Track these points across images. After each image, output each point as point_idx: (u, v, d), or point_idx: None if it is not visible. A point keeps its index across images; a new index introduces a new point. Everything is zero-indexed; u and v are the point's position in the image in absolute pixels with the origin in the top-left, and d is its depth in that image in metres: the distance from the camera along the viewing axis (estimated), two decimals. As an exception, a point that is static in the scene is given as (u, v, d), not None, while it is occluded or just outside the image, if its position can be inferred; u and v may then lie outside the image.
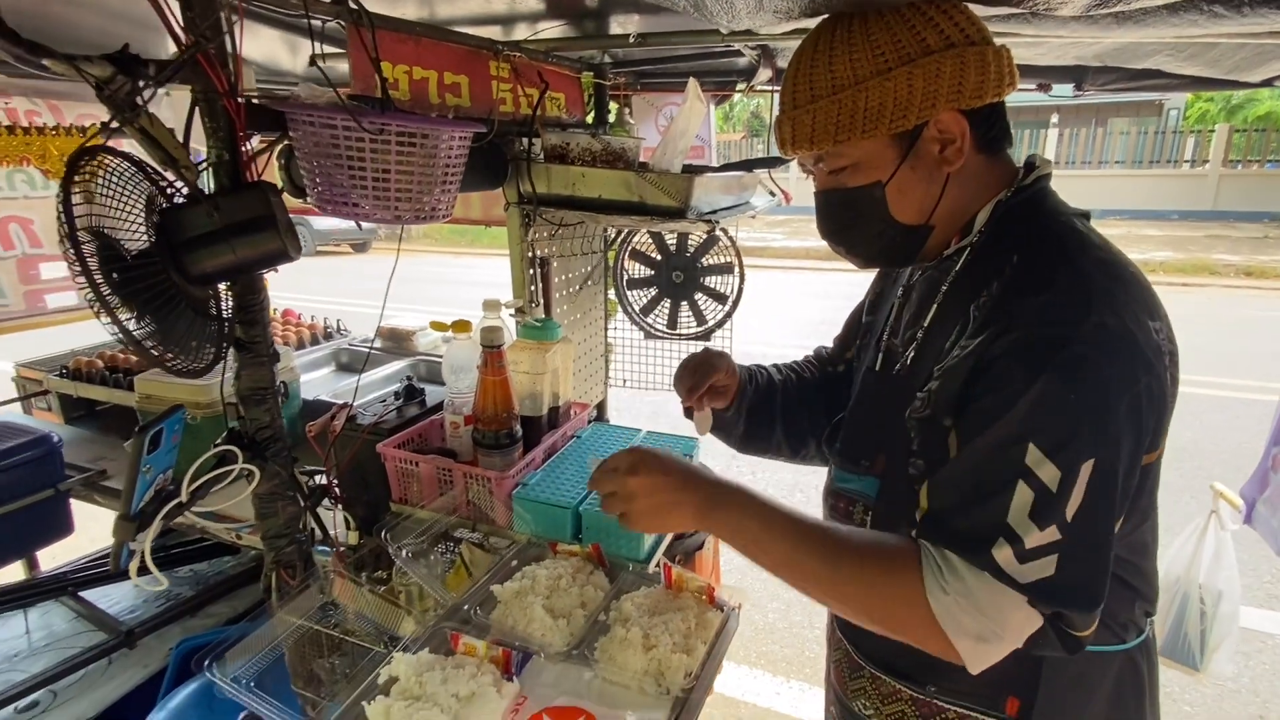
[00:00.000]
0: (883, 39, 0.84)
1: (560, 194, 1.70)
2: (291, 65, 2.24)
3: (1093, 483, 0.74)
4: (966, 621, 0.76)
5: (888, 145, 0.88)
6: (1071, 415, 0.74)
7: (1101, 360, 0.75)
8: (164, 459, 1.07)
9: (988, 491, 0.77)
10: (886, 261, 1.03)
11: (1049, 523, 0.74)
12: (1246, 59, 1.55)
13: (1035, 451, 0.74)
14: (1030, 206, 0.90)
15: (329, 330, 2.80)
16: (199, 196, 0.95)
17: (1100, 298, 0.77)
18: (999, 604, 0.75)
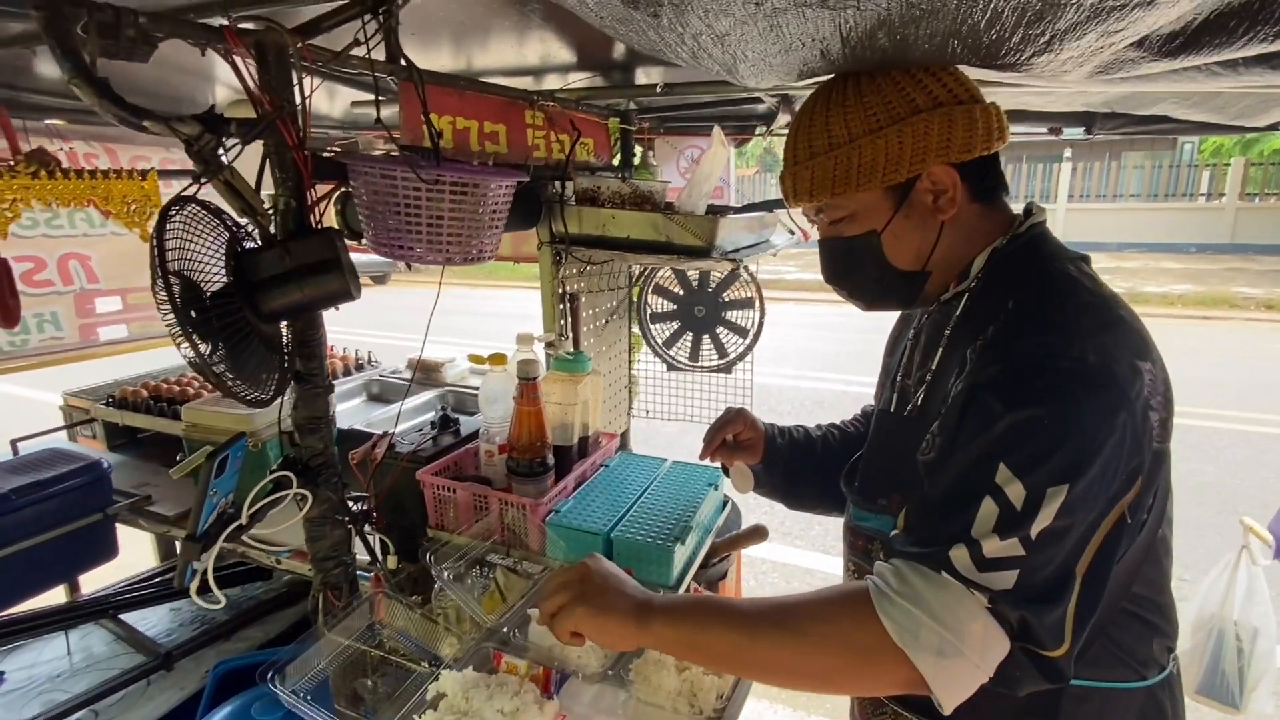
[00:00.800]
0: (874, 100, 0.92)
1: (591, 234, 1.78)
2: (329, 110, 2.37)
3: (1065, 509, 0.75)
4: (923, 635, 0.74)
5: (882, 197, 0.95)
6: (1044, 439, 0.76)
7: (1080, 392, 0.77)
8: (227, 483, 1.15)
9: (955, 506, 0.79)
10: (886, 305, 1.07)
11: (1010, 535, 0.75)
12: (1251, 106, 1.61)
13: (1005, 470, 0.76)
14: (1026, 252, 0.94)
15: (360, 362, 2.90)
16: (273, 240, 1.04)
17: (1084, 336, 0.80)
18: (952, 608, 0.75)
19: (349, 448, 1.67)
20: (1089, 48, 0.80)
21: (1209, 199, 15.48)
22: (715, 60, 0.95)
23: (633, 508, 1.57)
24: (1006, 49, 0.82)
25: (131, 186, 1.99)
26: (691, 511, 1.56)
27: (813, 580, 3.71)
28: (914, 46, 0.84)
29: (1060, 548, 0.76)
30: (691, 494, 1.65)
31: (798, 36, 0.82)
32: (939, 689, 0.76)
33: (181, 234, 0.99)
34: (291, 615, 2.32)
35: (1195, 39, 0.80)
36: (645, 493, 1.65)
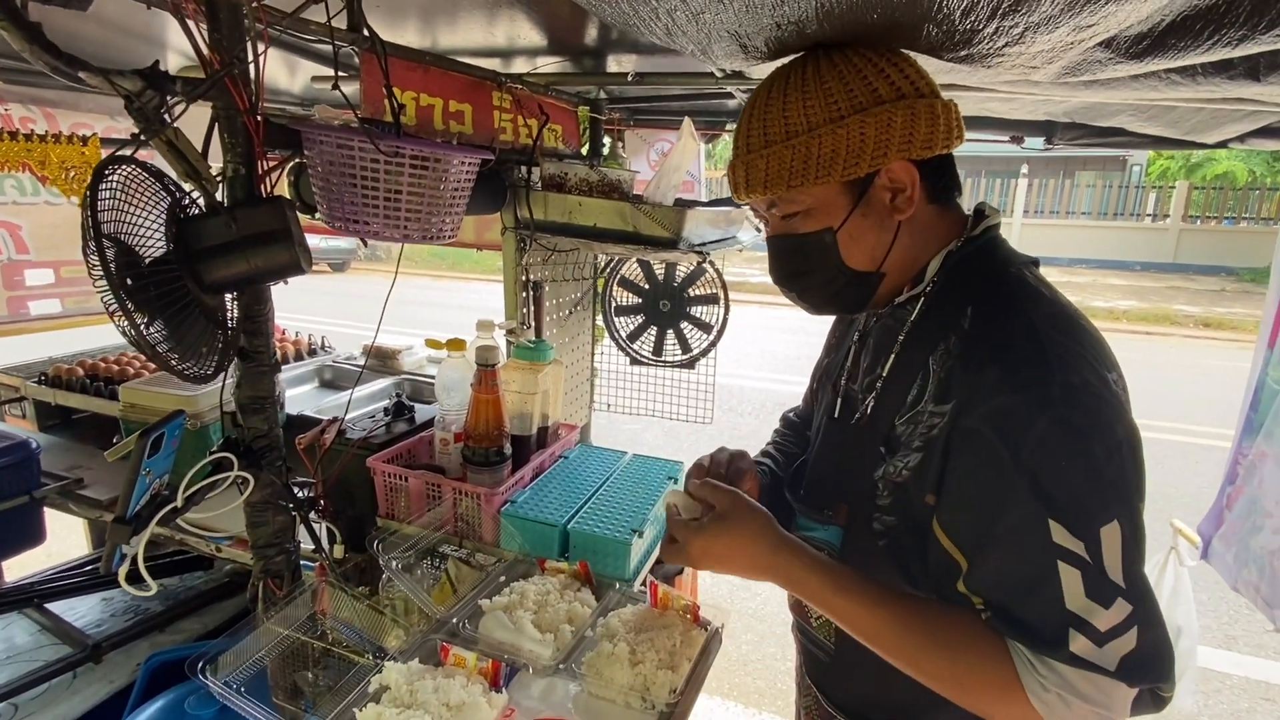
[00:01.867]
0: (836, 87, 0.85)
1: (557, 221, 1.75)
2: (289, 84, 2.29)
3: (1125, 543, 0.74)
4: (1075, 714, 0.75)
5: (840, 192, 0.89)
6: (1073, 484, 0.75)
7: (1078, 422, 0.75)
8: (162, 463, 1.09)
9: (1035, 580, 0.76)
10: (837, 308, 1.02)
11: (1112, 598, 0.73)
12: (1203, 121, 1.67)
13: (1058, 528, 0.74)
14: (981, 256, 0.91)
15: (313, 347, 2.81)
16: (219, 207, 0.98)
17: (1060, 357, 0.78)
18: (1104, 689, 0.74)
19: (298, 434, 1.61)
20: (1060, 43, 0.80)
21: (1154, 219, 16.09)
22: (689, 38, 0.93)
23: (591, 500, 1.55)
24: (980, 38, 0.81)
25: (71, 152, 1.89)
26: (650, 504, 1.54)
27: (768, 579, 3.73)
28: (891, 34, 0.83)
29: (1139, 578, 0.75)
30: (650, 487, 1.63)
31: (773, 17, 0.80)
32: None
33: (118, 196, 0.93)
34: (232, 607, 2.23)
35: (1162, 41, 0.81)
36: (604, 485, 1.63)
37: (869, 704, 1.00)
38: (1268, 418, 1.57)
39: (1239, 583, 1.62)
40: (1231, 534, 1.66)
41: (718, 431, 5.64)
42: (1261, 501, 1.54)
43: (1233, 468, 1.78)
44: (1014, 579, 0.78)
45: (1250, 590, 1.57)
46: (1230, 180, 15.06)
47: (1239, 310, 11.22)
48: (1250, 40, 0.74)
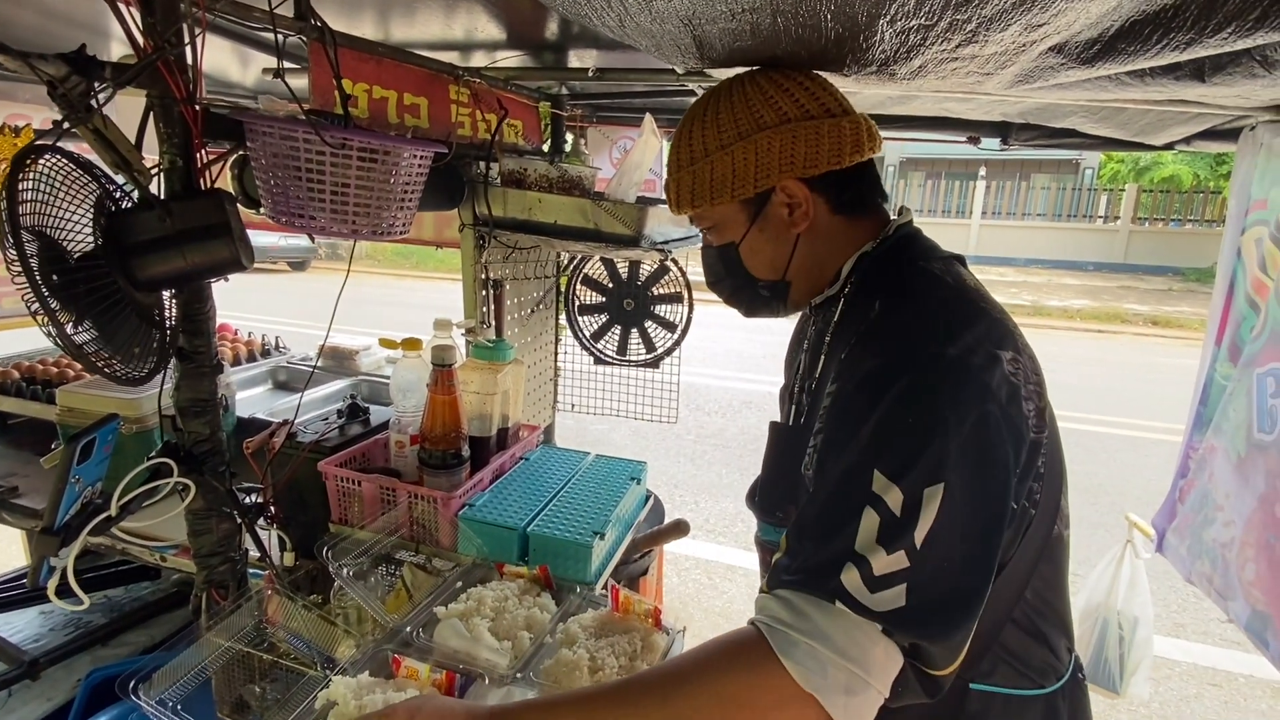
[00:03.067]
0: (727, 118, 0.95)
1: (516, 218, 1.72)
2: (241, 77, 2.22)
3: (944, 508, 0.72)
4: (831, 673, 0.69)
5: (739, 210, 0.97)
6: (912, 440, 0.74)
7: (938, 386, 0.76)
8: (94, 470, 1.03)
9: (837, 522, 0.75)
10: (757, 311, 1.08)
11: (897, 547, 0.71)
12: (1151, 123, 1.71)
13: (880, 477, 0.73)
14: (893, 253, 0.94)
15: (266, 347, 2.72)
16: (151, 200, 0.93)
17: (937, 332, 0.79)
18: (856, 639, 0.70)
19: (250, 437, 1.55)
20: (1012, 45, 0.80)
21: (1106, 221, 16.61)
22: (643, 31, 0.91)
23: (551, 502, 1.52)
24: (931, 36, 0.81)
25: (3, 143, 1.79)
26: (612, 506, 1.52)
27: (734, 577, 3.74)
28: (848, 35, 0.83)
29: (950, 554, 0.73)
30: (613, 488, 1.61)
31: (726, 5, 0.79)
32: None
33: (40, 187, 0.88)
34: (180, 617, 2.15)
35: (1112, 46, 0.81)
36: (565, 487, 1.60)
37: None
38: (1216, 413, 1.61)
39: (1193, 574, 1.66)
40: (1184, 527, 1.71)
41: (684, 430, 5.65)
42: (1212, 495, 1.58)
43: (1184, 462, 1.83)
44: (818, 521, 0.77)
45: (1204, 581, 1.61)
46: (1176, 183, 15.62)
47: (1185, 309, 11.63)
48: (1198, 44, 0.75)
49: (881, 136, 0.97)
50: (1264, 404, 1.47)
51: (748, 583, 3.68)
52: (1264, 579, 1.41)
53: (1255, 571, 1.44)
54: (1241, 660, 3.17)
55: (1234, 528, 1.49)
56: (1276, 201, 1.56)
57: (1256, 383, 1.49)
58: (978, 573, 0.75)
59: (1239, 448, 1.50)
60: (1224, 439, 1.55)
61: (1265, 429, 1.46)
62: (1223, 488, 1.54)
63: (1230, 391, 1.55)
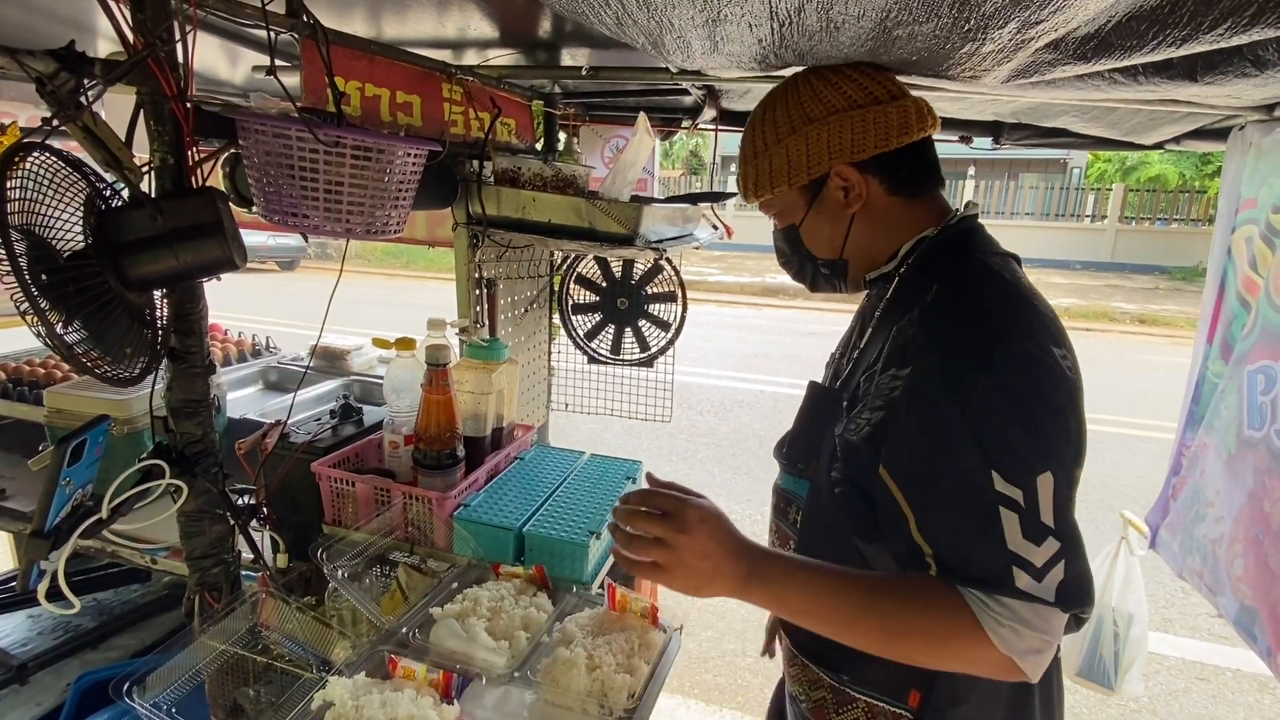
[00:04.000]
0: (782, 114, 1.04)
1: (510, 216, 1.71)
2: (230, 75, 2.19)
3: (1057, 491, 0.81)
4: (1026, 642, 0.81)
5: (798, 195, 1.06)
6: (1006, 434, 0.82)
7: (1019, 384, 0.83)
8: (85, 472, 1.02)
9: (981, 525, 0.82)
10: (821, 287, 1.17)
11: (1043, 537, 0.80)
12: (1141, 123, 1.72)
13: (998, 479, 0.81)
14: (955, 243, 1.00)
15: (257, 347, 2.70)
16: (142, 199, 0.92)
17: (1002, 327, 0.86)
18: (1045, 617, 0.81)
19: (241, 438, 1.53)
20: (1009, 41, 0.80)
21: (1093, 220, 16.73)
22: (640, 30, 0.91)
23: (547, 502, 1.52)
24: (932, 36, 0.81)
25: (-12, 141, 1.77)
26: (607, 505, 1.52)
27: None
28: (843, 29, 0.83)
29: (1069, 522, 0.82)
30: (608, 488, 1.61)
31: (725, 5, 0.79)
32: (1034, 674, 0.84)
33: (29, 186, 0.86)
34: (171, 620, 2.13)
35: (1108, 42, 0.82)
36: (561, 486, 1.60)
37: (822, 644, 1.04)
38: (1208, 410, 1.62)
39: (1185, 570, 1.67)
40: (1177, 523, 1.72)
41: (677, 429, 5.65)
42: (1204, 491, 1.59)
43: (1177, 459, 1.84)
44: (962, 526, 0.84)
45: (1195, 578, 1.62)
46: (1162, 183, 15.75)
47: (1171, 307, 11.74)
48: (1193, 40, 0.75)
49: (937, 116, 1.02)
50: (1254, 401, 1.48)
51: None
52: (1252, 574, 1.43)
53: (1243, 566, 1.46)
54: (1229, 654, 3.20)
55: (1224, 524, 1.50)
56: (1266, 200, 1.57)
57: (1247, 380, 1.51)
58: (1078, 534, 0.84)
59: (1230, 445, 1.51)
60: (1215, 436, 1.56)
61: (1255, 426, 1.47)
62: (1214, 484, 1.55)
63: (1221, 389, 1.56)
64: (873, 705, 1.01)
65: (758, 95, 2.04)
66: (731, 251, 16.22)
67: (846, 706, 1.04)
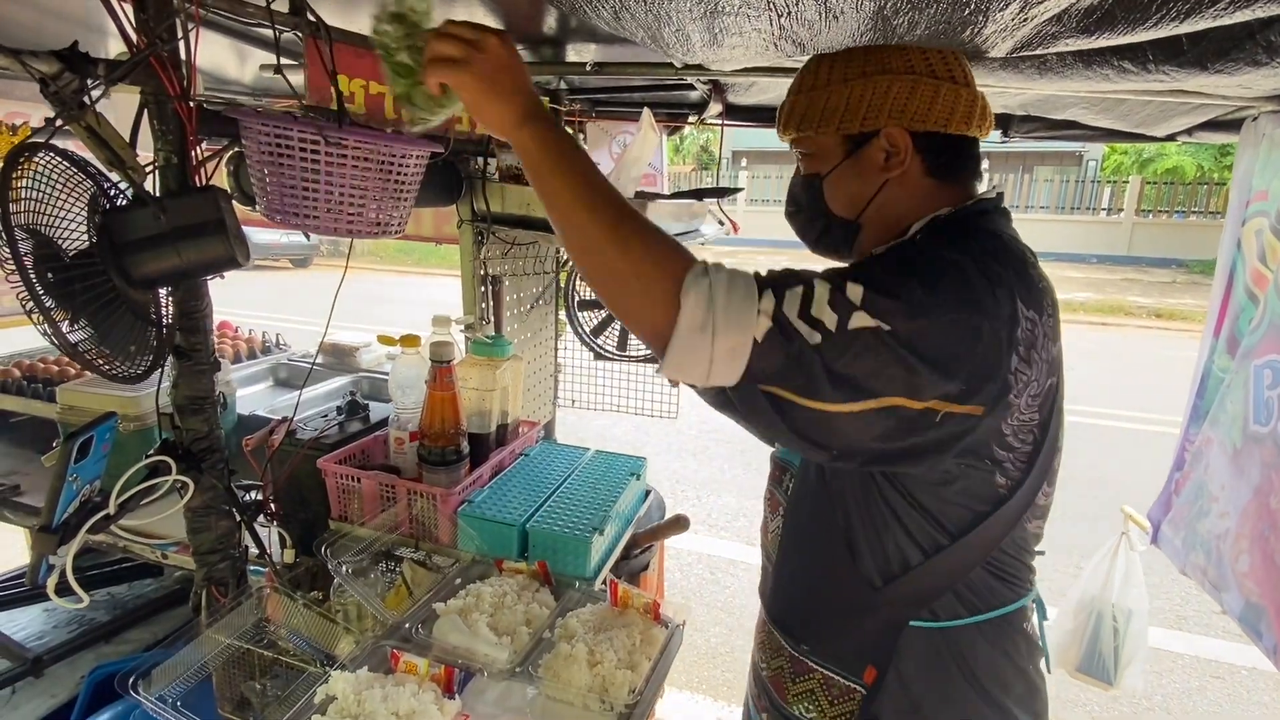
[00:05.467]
0: (858, 54, 0.98)
1: (514, 213, 1.71)
2: (239, 74, 2.21)
3: (889, 331, 0.77)
4: (703, 307, 0.78)
5: (838, 143, 0.99)
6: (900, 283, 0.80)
7: (949, 279, 0.81)
8: (92, 469, 1.03)
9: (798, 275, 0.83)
10: (822, 249, 1.11)
11: (835, 310, 0.78)
12: (1151, 115, 1.69)
13: (853, 285, 0.79)
14: (966, 220, 0.96)
15: (267, 344, 2.72)
16: (145, 198, 0.93)
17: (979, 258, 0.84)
18: (741, 309, 0.79)
19: (250, 434, 1.55)
20: (1011, 20, 0.79)
21: (1109, 214, 16.53)
22: (638, 23, 0.90)
23: (551, 498, 1.52)
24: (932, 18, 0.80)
25: (1, 142, 1.79)
26: (611, 501, 1.52)
27: (737, 572, 3.74)
28: (843, 19, 0.82)
29: (869, 359, 0.78)
30: (612, 484, 1.61)
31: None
32: (668, 352, 0.80)
33: (34, 185, 0.87)
34: (183, 614, 2.15)
35: (1111, 14, 0.80)
36: (565, 483, 1.60)
37: (787, 612, 1.09)
38: (1213, 404, 1.60)
39: (1187, 566, 1.65)
40: (1179, 519, 1.70)
41: (686, 424, 5.64)
42: (1208, 486, 1.57)
43: (1180, 454, 1.82)
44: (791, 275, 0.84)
45: (1198, 574, 1.60)
46: (1180, 175, 15.52)
47: (1189, 301, 11.58)
48: (1196, 14, 0.73)
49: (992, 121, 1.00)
50: (1261, 396, 1.46)
51: (750, 578, 3.68)
52: (1258, 571, 1.41)
53: (1249, 563, 1.44)
54: (1244, 653, 3.16)
55: (1229, 519, 1.48)
56: (1277, 193, 1.55)
57: (1254, 374, 1.48)
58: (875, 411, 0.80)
59: (1235, 440, 1.49)
60: (1220, 431, 1.54)
61: (1261, 421, 1.45)
62: (1218, 480, 1.53)
63: (1227, 383, 1.54)
64: (828, 678, 1.01)
65: (764, 89, 2.03)
66: (741, 247, 16.18)
67: (802, 677, 1.04)
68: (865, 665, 0.98)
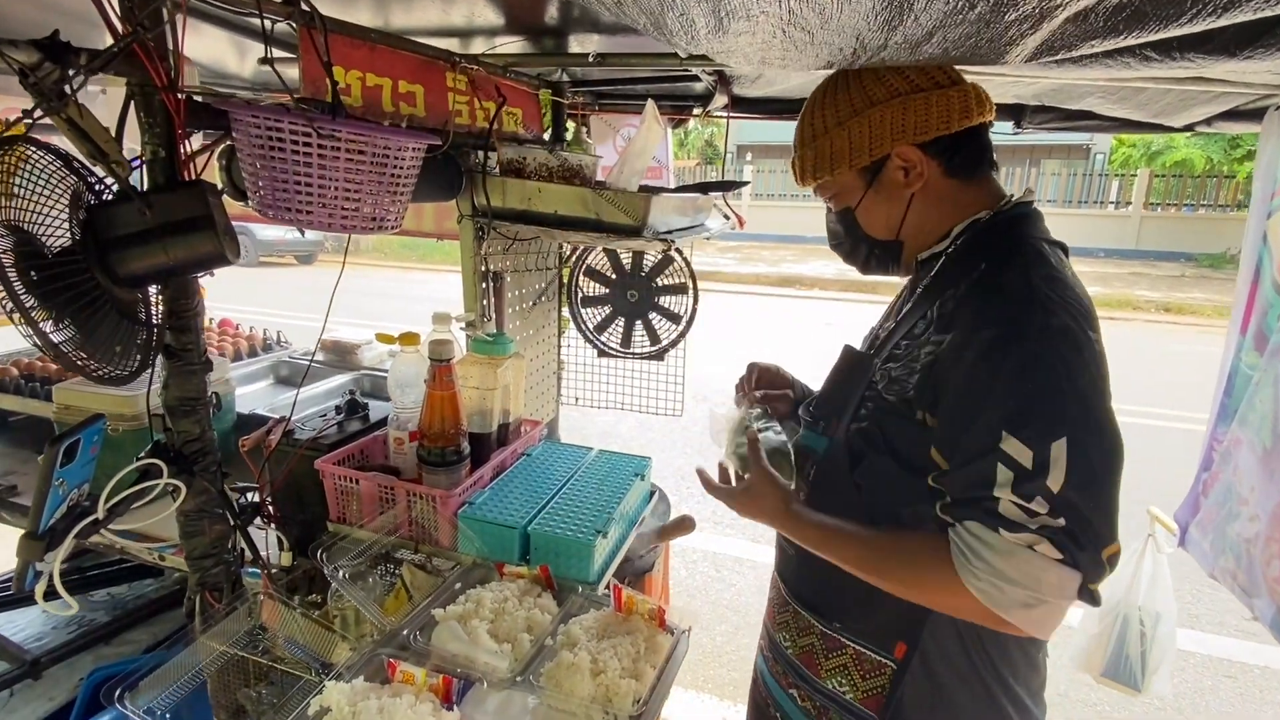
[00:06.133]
0: (844, 98, 1.06)
1: (515, 208, 1.68)
2: (239, 69, 2.17)
3: (1071, 457, 0.84)
4: (1007, 595, 0.86)
5: (856, 177, 1.08)
6: (1028, 400, 0.86)
7: (1049, 353, 0.87)
8: (80, 472, 1.00)
9: (973, 476, 0.89)
10: (872, 269, 1.19)
11: (1033, 494, 0.85)
12: (1171, 104, 1.64)
13: (1010, 438, 0.86)
14: (1006, 226, 1.03)
15: (268, 342, 2.69)
16: (130, 193, 0.90)
17: (1043, 304, 0.90)
18: (1024, 569, 0.85)
19: (250, 433, 1.52)
20: (1028, 17, 0.75)
21: (1117, 207, 16.36)
22: (641, 8, 0.86)
23: (553, 499, 1.49)
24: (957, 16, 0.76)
25: (-7, 137, 1.76)
26: (615, 503, 1.48)
27: (743, 570, 3.71)
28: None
29: (1087, 489, 0.85)
30: (616, 484, 1.58)
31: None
32: (1031, 630, 0.88)
33: (14, 180, 0.84)
34: (183, 616, 2.13)
35: (1141, 12, 0.76)
36: (568, 483, 1.57)
37: (815, 592, 1.16)
38: (1241, 403, 1.55)
39: (1216, 570, 1.61)
40: (1208, 521, 1.65)
41: (691, 421, 5.60)
42: (1237, 488, 1.53)
43: (1208, 454, 1.77)
44: (966, 474, 0.91)
45: (1228, 578, 1.55)
46: (1189, 167, 15.35)
47: (1198, 295, 11.47)
48: (1236, 7, 0.69)
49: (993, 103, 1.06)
50: (1291, 394, 1.42)
51: (756, 575, 3.65)
52: (1290, 575, 1.37)
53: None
54: (1257, 652, 3.12)
55: (1259, 523, 1.44)
56: (1304, 184, 1.50)
57: (1283, 372, 1.44)
58: (1112, 507, 0.88)
59: (1265, 440, 1.45)
60: (1250, 431, 1.49)
61: (1292, 420, 1.40)
62: (1248, 481, 1.49)
63: (1257, 381, 1.49)
64: (860, 653, 1.08)
65: (770, 81, 1.98)
66: (746, 241, 16.10)
67: (835, 652, 1.11)
68: (896, 642, 1.04)
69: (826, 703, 1.13)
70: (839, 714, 1.11)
